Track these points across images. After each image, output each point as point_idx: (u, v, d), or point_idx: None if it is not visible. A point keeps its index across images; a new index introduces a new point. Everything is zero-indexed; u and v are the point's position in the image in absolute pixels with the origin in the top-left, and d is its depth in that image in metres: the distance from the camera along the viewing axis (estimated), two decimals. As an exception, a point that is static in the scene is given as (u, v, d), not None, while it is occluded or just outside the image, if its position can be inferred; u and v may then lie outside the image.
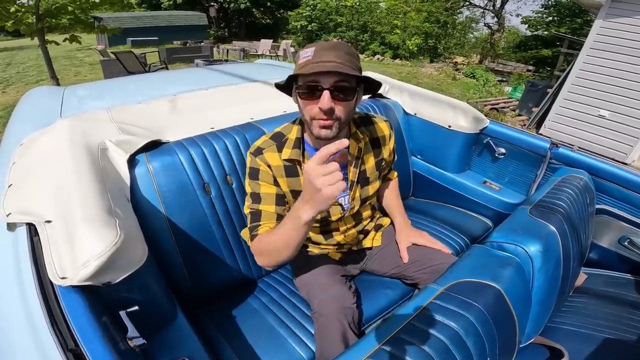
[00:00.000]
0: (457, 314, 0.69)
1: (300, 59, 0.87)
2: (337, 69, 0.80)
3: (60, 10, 5.13)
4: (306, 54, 0.86)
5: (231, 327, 1.07)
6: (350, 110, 0.91)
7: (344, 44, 0.88)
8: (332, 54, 0.83)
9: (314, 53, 0.84)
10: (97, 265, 0.62)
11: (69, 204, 0.71)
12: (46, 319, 0.59)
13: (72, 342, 0.55)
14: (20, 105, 1.53)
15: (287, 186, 1.01)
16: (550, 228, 0.96)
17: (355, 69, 0.85)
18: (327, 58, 0.82)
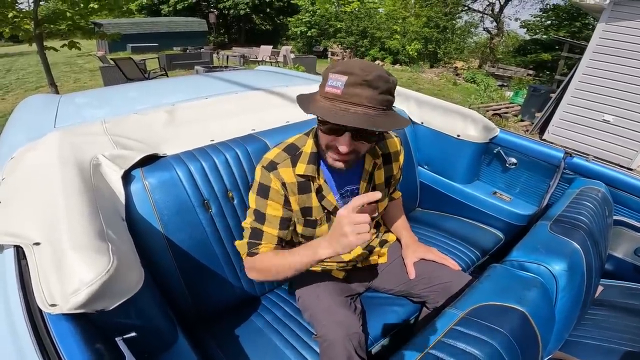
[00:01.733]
0: (480, 341, 0.65)
1: (328, 85, 0.75)
2: (364, 126, 0.71)
3: (59, 16, 5.10)
4: (335, 82, 0.73)
5: (235, 347, 1.03)
6: (371, 145, 0.88)
7: (381, 75, 0.73)
8: (367, 92, 0.72)
9: (345, 87, 0.72)
10: (88, 293, 0.57)
11: (57, 228, 0.66)
12: (35, 348, 0.55)
13: None
14: (15, 114, 1.49)
15: (297, 204, 0.95)
16: (574, 245, 0.92)
17: (387, 108, 0.76)
18: (357, 100, 0.72)
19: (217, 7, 20.59)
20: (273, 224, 0.93)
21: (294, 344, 1.02)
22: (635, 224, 1.30)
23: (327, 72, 0.77)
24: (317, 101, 0.78)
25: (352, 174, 1.00)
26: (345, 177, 0.99)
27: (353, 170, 0.98)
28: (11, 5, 4.68)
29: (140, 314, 0.77)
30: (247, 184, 1.13)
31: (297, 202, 0.95)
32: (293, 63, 9.41)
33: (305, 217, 0.98)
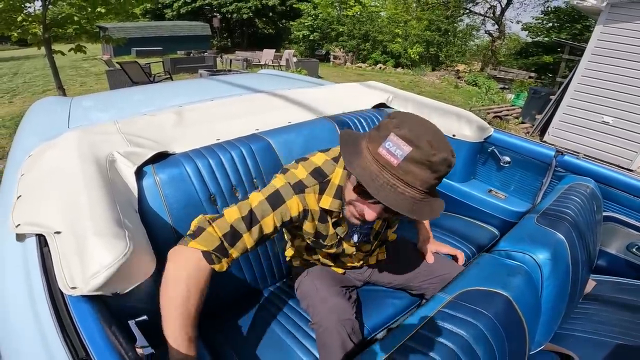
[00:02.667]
0: (466, 322, 0.69)
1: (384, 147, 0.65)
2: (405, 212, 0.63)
3: (67, 20, 5.17)
4: (395, 149, 0.64)
5: (238, 337, 1.07)
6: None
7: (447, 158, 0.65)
8: (423, 175, 0.64)
9: (404, 160, 0.63)
10: (107, 275, 0.63)
11: (79, 216, 0.72)
12: (57, 328, 0.59)
13: (82, 352, 0.55)
14: (28, 115, 1.55)
15: (313, 229, 0.90)
16: (559, 236, 0.97)
17: (433, 195, 0.70)
18: (411, 179, 0.64)
19: (221, 12, 20.78)
20: (256, 237, 0.79)
21: (295, 333, 1.07)
22: (626, 220, 1.34)
23: (389, 129, 0.66)
24: (364, 159, 0.68)
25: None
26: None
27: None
28: (20, 9, 4.73)
29: (151, 299, 0.80)
30: (252, 180, 1.19)
31: (313, 227, 0.90)
32: (295, 67, 9.49)
33: (317, 239, 0.95)
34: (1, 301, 0.73)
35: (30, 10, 5.04)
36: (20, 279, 0.72)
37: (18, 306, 0.69)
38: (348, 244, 0.99)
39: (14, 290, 0.73)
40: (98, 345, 0.55)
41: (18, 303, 0.69)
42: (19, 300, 0.69)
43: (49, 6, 4.95)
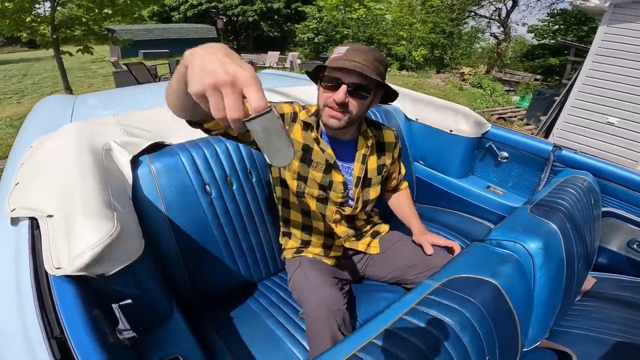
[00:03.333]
0: (452, 309, 0.68)
1: (334, 54, 0.96)
2: (359, 70, 0.88)
3: (75, 22, 5.26)
4: (340, 51, 0.95)
5: (228, 328, 1.07)
6: (363, 109, 0.99)
7: (376, 50, 0.96)
8: (362, 56, 0.91)
9: (346, 52, 0.93)
10: (92, 255, 0.63)
11: (70, 199, 0.73)
12: (36, 306, 0.60)
13: (57, 330, 0.56)
14: (33, 112, 1.57)
15: (301, 137, 1.06)
16: (552, 226, 0.95)
17: (377, 74, 0.92)
18: (354, 58, 0.90)
19: (226, 14, 20.97)
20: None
21: (286, 325, 1.07)
22: (626, 215, 1.31)
23: (333, 49, 1.00)
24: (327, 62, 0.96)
25: (347, 152, 1.10)
26: (341, 153, 1.09)
27: (347, 150, 1.10)
28: (29, 10, 4.81)
29: (138, 284, 0.81)
30: (246, 170, 1.20)
31: (300, 135, 1.06)
32: (300, 68, 9.53)
33: (305, 153, 1.06)
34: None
35: (39, 11, 5.13)
36: (10, 260, 0.73)
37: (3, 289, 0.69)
38: (337, 172, 1.07)
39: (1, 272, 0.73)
40: (74, 326, 0.55)
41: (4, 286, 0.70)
42: (4, 280, 0.70)
43: (57, 7, 5.02)
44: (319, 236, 1.16)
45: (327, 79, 0.95)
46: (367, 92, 0.95)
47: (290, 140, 0.47)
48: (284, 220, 1.20)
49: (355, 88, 0.92)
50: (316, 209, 1.12)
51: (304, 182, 1.08)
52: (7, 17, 4.63)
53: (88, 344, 0.53)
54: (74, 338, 0.54)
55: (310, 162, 1.06)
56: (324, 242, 1.17)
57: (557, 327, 1.00)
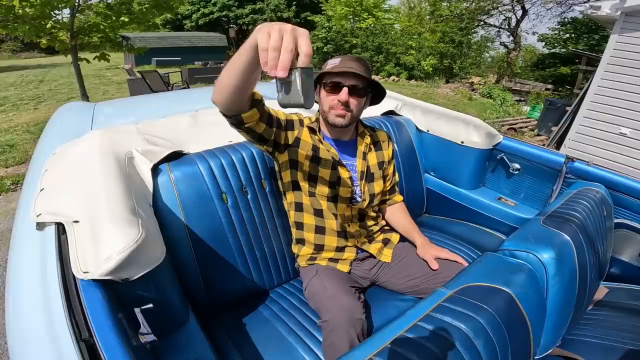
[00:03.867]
0: (466, 316, 0.69)
1: (329, 64, 1.13)
2: (358, 72, 1.06)
3: (93, 28, 5.37)
4: (334, 61, 1.13)
5: (241, 334, 1.09)
6: (361, 107, 1.15)
7: (363, 59, 1.15)
8: (355, 63, 1.10)
9: (341, 61, 1.11)
10: (119, 260, 0.66)
11: (96, 205, 0.77)
12: (64, 309, 0.62)
13: (86, 333, 0.57)
14: (53, 119, 1.63)
15: (310, 140, 1.17)
16: (565, 237, 0.96)
17: (368, 77, 1.10)
18: (350, 66, 1.08)
19: (237, 23, 21.36)
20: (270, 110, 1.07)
21: (298, 332, 1.08)
22: (637, 226, 1.32)
23: (327, 61, 1.16)
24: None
25: (348, 151, 1.23)
26: (343, 152, 1.21)
27: (348, 149, 1.23)
28: (49, 16, 4.92)
29: (158, 290, 0.84)
30: (260, 180, 1.23)
31: (309, 137, 1.17)
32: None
33: (314, 152, 1.16)
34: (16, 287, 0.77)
35: (58, 17, 5.26)
36: (37, 264, 0.76)
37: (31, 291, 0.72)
38: (342, 168, 1.17)
39: (29, 274, 0.77)
40: (102, 329, 0.57)
41: (30, 286, 0.73)
42: (32, 283, 0.73)
43: (76, 14, 5.16)
44: (331, 237, 1.20)
45: (329, 84, 1.09)
46: (363, 92, 1.11)
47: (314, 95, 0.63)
48: (297, 225, 1.22)
49: (353, 89, 1.08)
50: (327, 208, 1.17)
51: (315, 182, 1.15)
52: (28, 23, 4.74)
53: (115, 347, 0.55)
54: (102, 341, 0.55)
55: (319, 160, 1.15)
56: (337, 245, 1.20)
57: (569, 335, 1.00)
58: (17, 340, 0.66)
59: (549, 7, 13.29)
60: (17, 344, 0.66)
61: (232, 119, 0.94)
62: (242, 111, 0.92)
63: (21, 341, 0.65)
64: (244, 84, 0.80)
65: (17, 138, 4.95)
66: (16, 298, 0.74)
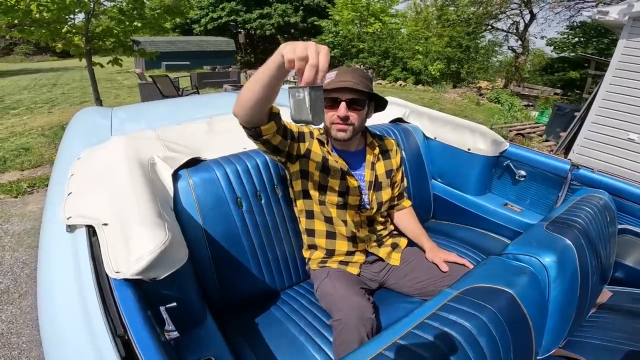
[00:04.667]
0: (470, 315, 0.73)
1: (326, 79, 1.07)
2: (353, 87, 1.07)
3: (107, 33, 5.49)
4: (330, 75, 1.13)
5: (254, 333, 1.13)
6: (362, 119, 1.16)
7: (360, 70, 1.16)
8: (350, 76, 1.10)
9: (336, 75, 1.11)
10: (149, 260, 0.71)
11: (126, 208, 0.82)
12: (100, 307, 0.67)
13: (121, 329, 0.62)
14: (73, 124, 1.70)
15: (320, 151, 1.20)
16: (566, 241, 0.99)
17: (366, 88, 1.10)
18: (345, 79, 1.09)
19: (245, 28, 21.60)
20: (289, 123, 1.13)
21: (309, 332, 1.12)
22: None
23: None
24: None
25: (356, 161, 1.26)
26: (351, 163, 1.23)
27: (357, 160, 1.26)
28: (65, 20, 5.03)
29: (180, 289, 0.89)
30: (274, 186, 1.29)
31: (319, 148, 1.20)
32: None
33: (324, 163, 1.19)
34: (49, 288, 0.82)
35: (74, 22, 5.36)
36: (70, 264, 0.81)
37: (66, 289, 0.77)
38: (351, 178, 1.20)
39: (63, 274, 0.81)
40: (136, 325, 0.62)
41: (65, 286, 0.77)
42: (66, 283, 0.77)
43: (91, 19, 5.28)
44: (342, 242, 1.24)
45: (327, 100, 1.11)
46: (362, 104, 1.12)
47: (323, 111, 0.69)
48: (308, 232, 1.27)
49: (351, 102, 1.10)
50: (337, 215, 1.21)
51: (324, 192, 1.19)
52: (44, 27, 4.85)
53: (148, 342, 0.59)
54: (137, 336, 0.60)
55: (329, 171, 1.19)
56: (348, 249, 1.24)
57: (572, 337, 1.03)
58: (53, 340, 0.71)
59: (558, 11, 13.26)
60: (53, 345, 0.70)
61: (252, 131, 0.99)
62: (261, 124, 0.98)
63: (58, 341, 0.69)
64: (265, 98, 0.87)
65: (33, 141, 5.08)
66: (50, 297, 0.80)
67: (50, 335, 0.72)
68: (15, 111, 7.49)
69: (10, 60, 28.16)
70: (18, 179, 3.75)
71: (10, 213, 3.04)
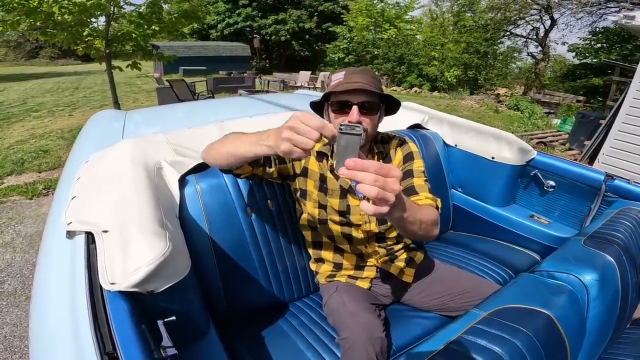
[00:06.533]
0: (501, 339, 0.66)
1: (333, 81, 1.00)
2: (365, 87, 0.94)
3: (126, 37, 5.60)
4: (338, 76, 1.00)
5: (260, 347, 1.08)
6: (375, 124, 1.03)
7: (369, 70, 1.03)
8: (360, 76, 0.97)
9: (345, 76, 0.98)
10: (146, 272, 0.65)
11: (126, 216, 0.77)
12: (90, 321, 0.62)
13: (110, 346, 0.57)
14: (87, 126, 1.70)
15: (317, 167, 1.10)
16: (608, 258, 0.91)
17: (378, 90, 0.98)
18: (355, 80, 0.96)
19: (260, 33, 21.91)
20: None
21: (317, 347, 1.06)
22: None
23: (330, 76, 1.07)
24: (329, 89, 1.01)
25: None
26: None
27: None
28: (86, 24, 5.16)
29: (181, 302, 0.84)
30: (284, 194, 1.22)
31: (316, 166, 1.10)
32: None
33: (322, 182, 1.10)
34: (43, 293, 0.78)
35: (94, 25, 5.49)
36: (65, 272, 0.77)
37: (59, 298, 0.72)
38: (352, 196, 1.09)
39: (58, 282, 0.77)
40: (126, 342, 0.56)
41: (59, 294, 0.73)
42: (60, 292, 0.73)
43: (111, 22, 5.39)
44: (350, 256, 1.17)
45: (337, 105, 0.98)
46: (375, 107, 1.00)
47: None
48: (314, 244, 1.21)
49: (364, 105, 0.97)
50: (341, 232, 1.14)
51: (325, 210, 1.11)
52: (66, 30, 4.98)
53: None
54: (126, 354, 0.55)
55: (326, 191, 1.10)
56: (357, 263, 1.17)
57: (605, 354, 0.96)
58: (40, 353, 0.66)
59: (579, 17, 12.89)
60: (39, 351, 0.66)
61: (227, 173, 1.00)
62: (231, 170, 0.98)
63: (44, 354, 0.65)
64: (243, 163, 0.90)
65: (52, 144, 5.20)
66: (42, 304, 0.75)
67: (37, 347, 0.68)
68: (37, 113, 7.73)
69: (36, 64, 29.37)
70: (34, 181, 3.81)
71: (24, 214, 3.08)
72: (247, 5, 21.45)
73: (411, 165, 1.11)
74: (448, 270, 1.21)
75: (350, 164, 0.55)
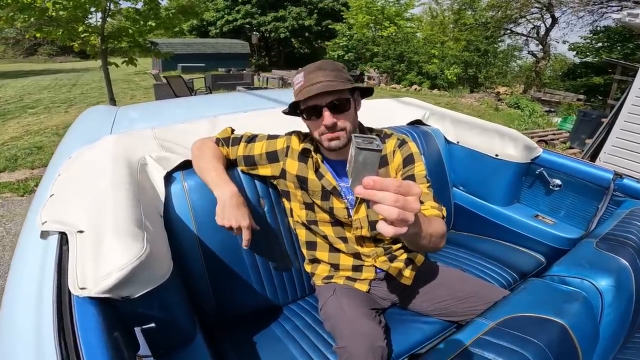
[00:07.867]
0: (512, 351, 0.61)
1: (295, 85, 0.95)
2: (327, 89, 0.88)
3: (122, 33, 5.56)
4: (298, 80, 0.95)
5: (251, 353, 1.02)
6: (353, 118, 0.97)
7: (328, 62, 0.96)
8: (320, 74, 0.91)
9: (304, 78, 0.93)
10: (118, 277, 0.60)
11: (102, 216, 0.71)
12: (54, 329, 0.57)
13: (74, 356, 0.52)
14: (76, 122, 1.63)
15: (295, 169, 1.06)
16: (622, 262, 0.86)
17: (343, 81, 0.92)
18: (316, 80, 0.90)
19: (259, 30, 21.80)
20: (245, 151, 1.09)
21: (311, 354, 1.00)
22: None
23: (292, 80, 1.00)
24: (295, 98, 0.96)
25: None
26: (343, 172, 1.06)
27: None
28: (82, 20, 5.10)
29: (162, 307, 0.79)
30: (278, 192, 1.16)
31: (295, 167, 1.06)
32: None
33: (301, 184, 1.06)
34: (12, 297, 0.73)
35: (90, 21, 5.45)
36: (35, 276, 0.72)
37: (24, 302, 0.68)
38: (336, 199, 1.04)
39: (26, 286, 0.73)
40: (92, 352, 0.52)
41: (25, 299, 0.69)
42: (27, 297, 0.69)
43: (107, 19, 5.34)
44: (346, 257, 1.11)
45: (306, 112, 0.94)
46: (346, 103, 0.93)
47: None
48: (308, 244, 1.15)
49: (334, 105, 0.91)
50: (333, 232, 1.09)
51: (312, 211, 1.07)
52: (61, 27, 4.95)
53: None
54: None
55: (308, 191, 1.06)
56: (353, 263, 1.11)
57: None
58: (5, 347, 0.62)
59: (581, 16, 12.83)
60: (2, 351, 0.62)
61: None
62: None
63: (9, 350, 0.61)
64: None
65: (46, 140, 5.13)
66: (8, 313, 0.70)
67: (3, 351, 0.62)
68: (33, 110, 7.66)
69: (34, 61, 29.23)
70: (26, 178, 3.75)
71: (15, 212, 3.02)
72: (246, 2, 21.32)
73: (412, 169, 1.03)
74: (450, 273, 1.15)
75: (369, 183, 0.49)
